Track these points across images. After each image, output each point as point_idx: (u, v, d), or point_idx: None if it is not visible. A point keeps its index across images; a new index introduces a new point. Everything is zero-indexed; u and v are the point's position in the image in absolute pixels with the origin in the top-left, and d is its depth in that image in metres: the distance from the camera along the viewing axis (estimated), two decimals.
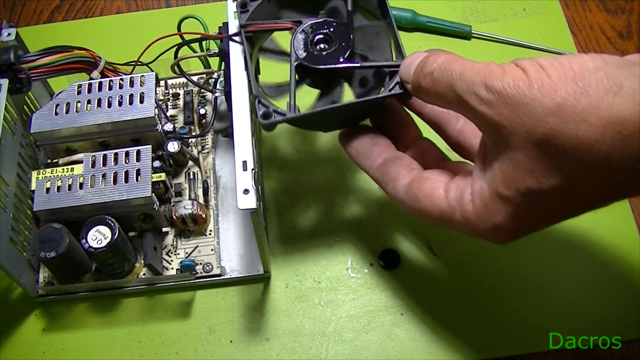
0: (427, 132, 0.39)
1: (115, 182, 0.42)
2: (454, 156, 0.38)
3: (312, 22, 0.39)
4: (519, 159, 0.29)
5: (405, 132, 0.39)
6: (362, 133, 0.38)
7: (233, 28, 0.41)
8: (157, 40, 0.45)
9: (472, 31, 0.57)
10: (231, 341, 0.44)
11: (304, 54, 0.38)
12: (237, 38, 0.41)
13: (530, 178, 0.29)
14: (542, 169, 0.28)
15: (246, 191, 0.36)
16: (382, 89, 0.37)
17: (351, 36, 0.38)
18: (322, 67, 0.37)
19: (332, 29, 0.38)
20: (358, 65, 0.38)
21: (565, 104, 0.27)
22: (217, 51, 0.46)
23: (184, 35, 0.47)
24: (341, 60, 0.37)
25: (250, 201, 0.35)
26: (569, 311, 0.44)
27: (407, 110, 0.39)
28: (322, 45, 0.38)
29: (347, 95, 0.39)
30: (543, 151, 0.28)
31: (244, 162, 0.37)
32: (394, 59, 0.39)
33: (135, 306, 0.46)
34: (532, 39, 0.56)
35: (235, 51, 0.41)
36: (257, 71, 0.43)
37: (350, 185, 0.50)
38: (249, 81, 0.39)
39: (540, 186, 0.29)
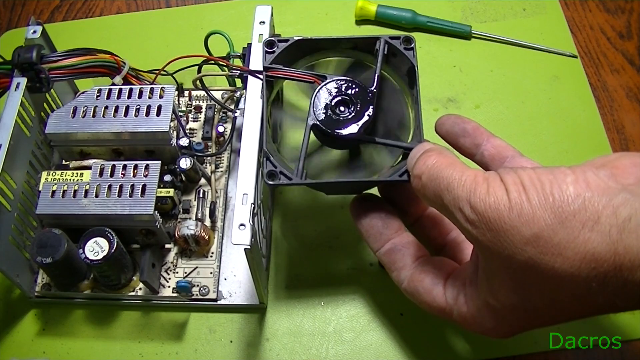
0: None
1: (119, 195, 0.42)
2: None
3: (337, 79, 0.37)
4: (502, 277, 0.29)
5: (413, 205, 0.38)
6: (373, 211, 0.37)
7: (256, 56, 0.39)
8: (182, 57, 0.45)
9: (472, 31, 0.57)
10: (231, 341, 0.44)
11: (323, 116, 0.36)
12: (259, 75, 0.39)
13: (515, 295, 0.29)
14: (524, 288, 0.28)
15: (242, 226, 0.34)
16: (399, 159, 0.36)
17: (373, 107, 0.36)
18: (337, 134, 0.36)
19: (355, 91, 0.37)
20: (373, 140, 0.36)
21: (542, 234, 0.26)
22: (238, 73, 0.45)
23: (210, 52, 0.47)
24: (356, 130, 0.36)
25: (244, 237, 0.34)
26: None
27: None
28: (341, 108, 0.37)
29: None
30: (524, 275, 0.28)
31: (244, 195, 0.35)
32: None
33: (130, 319, 0.45)
34: (532, 39, 0.56)
35: (253, 82, 0.39)
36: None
37: None
38: (262, 131, 0.37)
39: (524, 303, 0.29)
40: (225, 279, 0.46)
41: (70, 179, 0.43)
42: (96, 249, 0.40)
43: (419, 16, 0.57)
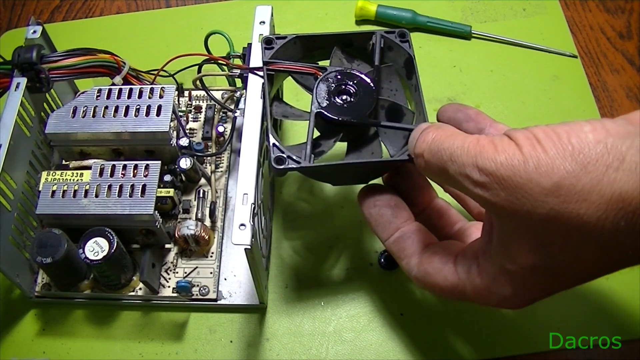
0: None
1: (119, 195, 0.41)
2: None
3: (337, 70, 0.37)
4: (521, 238, 0.28)
5: (420, 195, 0.38)
6: (383, 200, 0.36)
7: (256, 55, 0.39)
8: (182, 56, 0.44)
9: (472, 31, 0.57)
10: (231, 341, 0.44)
11: (326, 104, 0.36)
12: (259, 72, 0.39)
13: (535, 255, 0.28)
14: (545, 246, 0.27)
15: (242, 226, 0.34)
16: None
17: (374, 95, 0.37)
18: (342, 119, 0.36)
19: (356, 81, 0.37)
20: (377, 123, 0.37)
21: (563, 183, 0.25)
22: (238, 73, 0.45)
23: (210, 52, 0.47)
24: (359, 115, 0.36)
25: (245, 237, 0.34)
26: (569, 311, 0.44)
27: None
28: (344, 97, 0.37)
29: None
30: (545, 230, 0.27)
31: (245, 195, 0.35)
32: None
33: (130, 319, 0.45)
34: (532, 39, 0.57)
35: (254, 82, 0.39)
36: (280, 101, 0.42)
37: (349, 185, 0.50)
38: (265, 120, 0.37)
39: (545, 262, 0.28)
40: (225, 279, 0.46)
41: (70, 179, 0.43)
42: (96, 249, 0.40)
43: (419, 16, 0.57)
